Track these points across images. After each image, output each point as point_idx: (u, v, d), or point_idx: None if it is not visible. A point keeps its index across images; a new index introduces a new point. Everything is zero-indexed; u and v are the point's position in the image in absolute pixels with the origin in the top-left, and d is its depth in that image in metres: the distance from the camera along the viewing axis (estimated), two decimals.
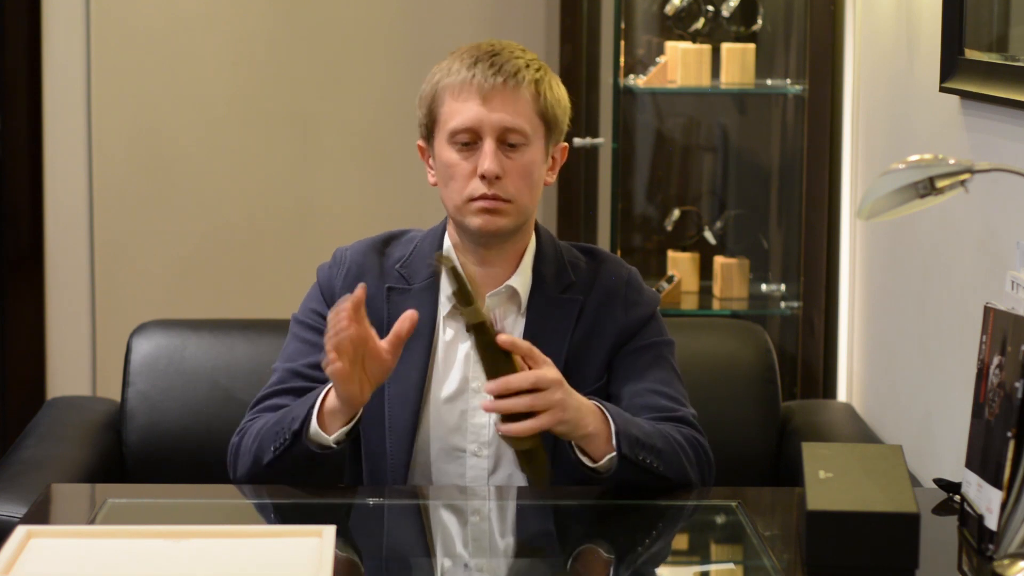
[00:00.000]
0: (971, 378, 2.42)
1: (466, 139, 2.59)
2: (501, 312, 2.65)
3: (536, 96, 2.61)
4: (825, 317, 3.87)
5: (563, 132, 2.67)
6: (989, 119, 2.84)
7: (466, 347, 2.64)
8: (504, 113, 2.58)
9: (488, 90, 2.58)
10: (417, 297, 2.66)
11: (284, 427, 2.52)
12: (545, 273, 2.67)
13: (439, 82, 2.62)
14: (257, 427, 2.59)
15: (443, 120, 2.61)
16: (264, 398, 2.66)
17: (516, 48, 2.64)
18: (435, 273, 2.67)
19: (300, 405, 2.55)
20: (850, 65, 3.76)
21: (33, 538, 2.15)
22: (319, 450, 2.50)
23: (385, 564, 2.34)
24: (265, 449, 2.54)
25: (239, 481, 2.60)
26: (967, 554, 2.31)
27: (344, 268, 2.69)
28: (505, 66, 2.59)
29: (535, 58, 2.65)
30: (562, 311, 2.67)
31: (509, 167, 2.59)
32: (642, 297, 2.70)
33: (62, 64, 4.78)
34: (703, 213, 4.26)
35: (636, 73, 4.16)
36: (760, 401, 3.17)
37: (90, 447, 3.05)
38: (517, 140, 2.59)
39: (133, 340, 3.15)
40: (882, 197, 2.27)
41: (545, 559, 2.38)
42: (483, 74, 2.58)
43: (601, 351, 2.67)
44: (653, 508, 2.49)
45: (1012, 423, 2.21)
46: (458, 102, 2.59)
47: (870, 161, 3.62)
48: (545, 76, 2.64)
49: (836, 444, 2.89)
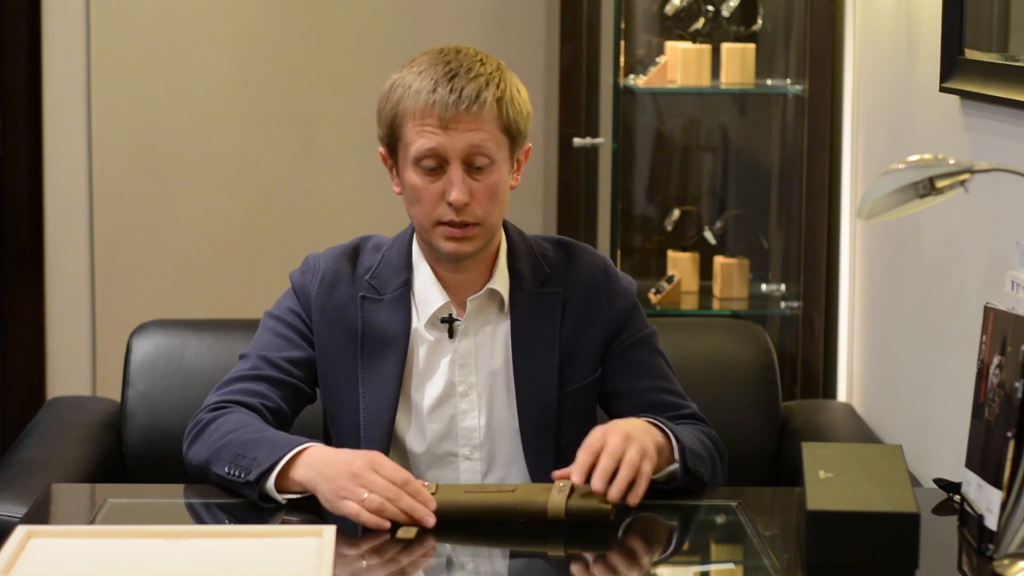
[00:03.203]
0: (971, 378, 2.42)
1: (431, 164, 2.55)
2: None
3: (499, 115, 2.56)
4: (825, 317, 3.87)
5: (527, 136, 2.63)
6: (989, 119, 2.84)
7: (450, 353, 2.65)
8: (468, 137, 2.54)
9: (450, 117, 2.53)
10: (389, 307, 2.65)
11: (245, 461, 2.47)
12: (521, 270, 2.67)
13: (399, 102, 2.56)
14: (230, 425, 2.54)
15: (405, 143, 2.57)
16: (235, 379, 2.63)
17: (474, 61, 2.57)
18: (406, 283, 2.66)
19: (267, 447, 2.47)
20: (850, 65, 3.76)
21: (33, 538, 2.15)
22: (261, 501, 2.46)
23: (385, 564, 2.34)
24: (217, 461, 2.51)
25: (187, 462, 2.57)
26: (967, 554, 2.31)
27: (319, 274, 2.68)
28: (465, 89, 2.53)
29: (495, 68, 2.58)
30: (545, 306, 2.66)
31: (476, 189, 2.56)
32: (622, 285, 2.72)
33: (62, 64, 4.78)
34: (703, 213, 4.26)
35: (636, 73, 4.16)
36: (760, 401, 3.17)
37: (90, 447, 3.05)
38: (482, 162, 2.56)
39: (133, 340, 3.15)
40: (882, 197, 2.27)
41: (545, 559, 2.39)
42: (443, 100, 2.52)
43: (592, 344, 2.68)
44: (653, 508, 2.49)
45: (1012, 423, 2.21)
46: (421, 127, 2.54)
47: (870, 161, 3.62)
48: (507, 90, 2.57)
49: (836, 444, 2.88)
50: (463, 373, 2.65)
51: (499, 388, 2.66)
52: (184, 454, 2.60)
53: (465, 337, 2.65)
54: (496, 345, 2.66)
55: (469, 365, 2.65)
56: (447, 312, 2.65)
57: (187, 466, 2.59)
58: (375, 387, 2.62)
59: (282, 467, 2.44)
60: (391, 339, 2.63)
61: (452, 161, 2.54)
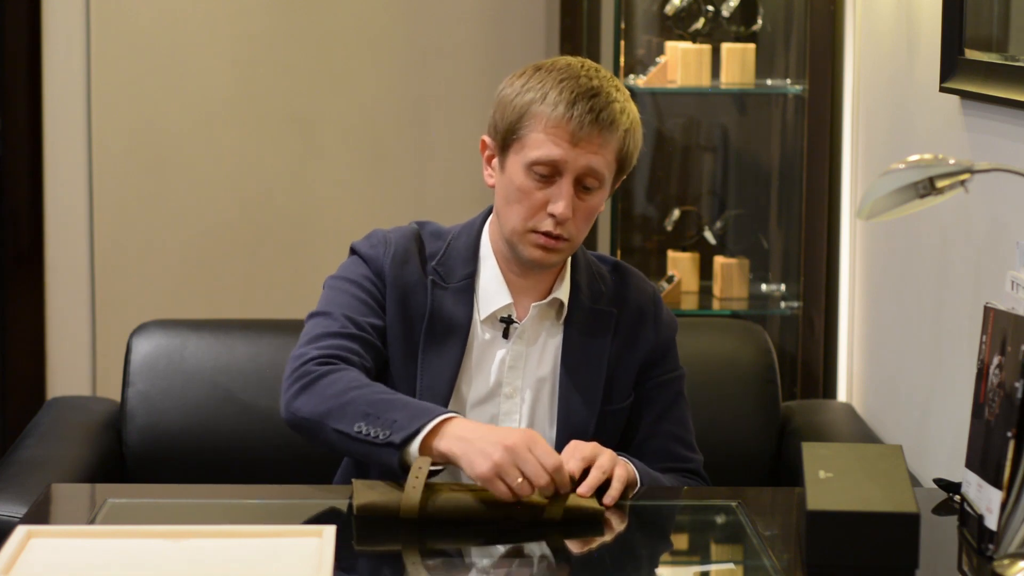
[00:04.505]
0: (971, 378, 2.42)
1: (545, 172, 2.56)
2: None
3: (622, 144, 2.58)
4: (825, 317, 3.87)
5: (632, 167, 2.65)
6: (989, 119, 2.84)
7: (502, 352, 2.66)
8: (590, 159, 2.56)
9: (583, 136, 2.54)
10: (454, 296, 2.65)
11: (381, 423, 2.43)
12: (581, 284, 2.69)
13: (531, 104, 2.57)
14: (348, 381, 2.49)
15: (526, 144, 2.57)
16: (329, 335, 2.57)
17: (612, 86, 2.59)
18: (471, 275, 2.66)
19: (406, 411, 2.44)
20: (850, 65, 3.76)
21: (33, 538, 2.15)
22: (396, 466, 2.43)
23: (385, 564, 2.34)
24: (342, 418, 2.45)
25: (290, 413, 2.51)
26: (967, 554, 2.31)
27: (391, 249, 2.65)
28: (603, 113, 2.55)
29: (627, 97, 2.61)
30: (598, 323, 2.69)
31: (578, 208, 2.57)
32: (668, 316, 2.76)
33: (62, 64, 4.78)
34: (703, 213, 4.26)
35: (636, 73, 4.16)
36: (760, 401, 3.18)
37: (90, 447, 3.06)
38: (592, 184, 2.58)
39: (133, 340, 3.15)
40: (882, 197, 2.28)
41: (544, 560, 2.39)
42: (581, 118, 2.54)
43: (631, 368, 2.71)
44: (653, 508, 2.49)
45: (1012, 423, 2.21)
46: (548, 136, 2.55)
47: (870, 161, 3.62)
48: (634, 122, 2.60)
49: (836, 444, 2.89)
50: (512, 376, 2.65)
51: (543, 397, 2.67)
52: (286, 405, 2.52)
53: (519, 341, 2.66)
54: (547, 354, 2.67)
55: (518, 368, 2.66)
56: (508, 312, 2.66)
57: (289, 418, 2.52)
58: (434, 371, 2.62)
59: (425, 435, 2.42)
60: (455, 327, 2.63)
61: (566, 175, 2.56)
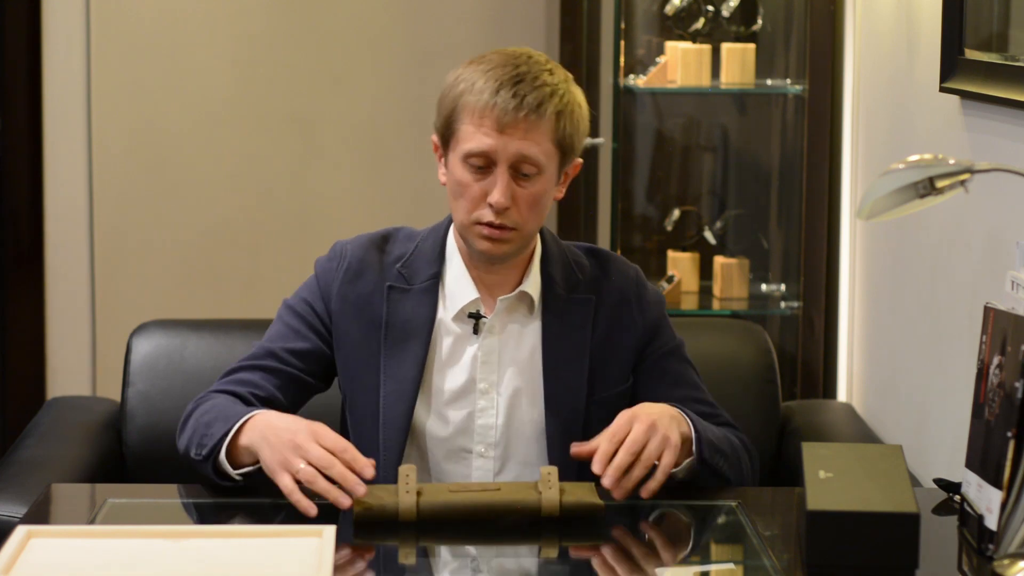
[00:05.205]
0: (971, 378, 2.42)
1: (479, 163, 2.56)
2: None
3: (555, 127, 2.56)
4: (825, 317, 3.87)
5: (579, 152, 2.65)
6: (989, 119, 2.84)
7: (473, 349, 2.65)
8: (520, 145, 2.55)
9: (507, 122, 2.53)
10: (416, 297, 2.66)
11: (205, 439, 2.53)
12: (554, 274, 2.69)
13: (461, 96, 2.57)
14: (202, 411, 2.59)
15: (459, 138, 2.58)
16: (235, 370, 2.67)
17: (543, 70, 2.57)
18: (436, 275, 2.67)
19: (222, 422, 2.53)
20: (850, 65, 3.76)
21: (33, 538, 2.15)
22: (217, 478, 2.51)
23: (385, 564, 2.34)
24: (191, 447, 2.56)
25: (180, 453, 2.61)
26: (967, 554, 2.31)
27: (344, 263, 2.69)
28: (528, 97, 2.53)
29: (562, 80, 2.59)
30: (577, 312, 2.68)
31: (519, 196, 2.57)
32: (652, 296, 2.75)
33: (62, 64, 4.78)
34: (703, 213, 4.26)
35: (636, 73, 4.16)
36: (760, 401, 3.17)
37: (90, 447, 3.05)
38: (530, 171, 2.57)
39: (133, 340, 3.15)
40: (882, 197, 2.27)
41: (543, 559, 2.38)
42: (504, 104, 2.53)
43: (624, 353, 2.70)
44: (653, 508, 2.49)
45: (1012, 423, 2.21)
46: (475, 127, 2.55)
47: (870, 161, 3.62)
48: (568, 104, 2.58)
49: (836, 444, 2.88)
50: (485, 371, 2.65)
51: (523, 390, 2.66)
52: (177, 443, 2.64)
53: (490, 336, 2.66)
54: (523, 347, 2.67)
55: (492, 363, 2.66)
56: (476, 307, 2.66)
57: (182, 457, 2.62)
58: (396, 375, 2.63)
59: (232, 436, 2.49)
60: (415, 329, 2.64)
61: (500, 164, 2.56)
